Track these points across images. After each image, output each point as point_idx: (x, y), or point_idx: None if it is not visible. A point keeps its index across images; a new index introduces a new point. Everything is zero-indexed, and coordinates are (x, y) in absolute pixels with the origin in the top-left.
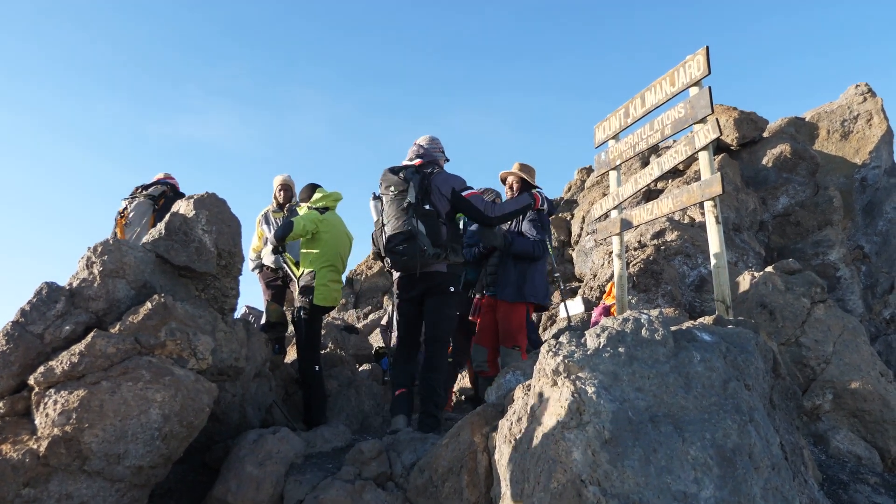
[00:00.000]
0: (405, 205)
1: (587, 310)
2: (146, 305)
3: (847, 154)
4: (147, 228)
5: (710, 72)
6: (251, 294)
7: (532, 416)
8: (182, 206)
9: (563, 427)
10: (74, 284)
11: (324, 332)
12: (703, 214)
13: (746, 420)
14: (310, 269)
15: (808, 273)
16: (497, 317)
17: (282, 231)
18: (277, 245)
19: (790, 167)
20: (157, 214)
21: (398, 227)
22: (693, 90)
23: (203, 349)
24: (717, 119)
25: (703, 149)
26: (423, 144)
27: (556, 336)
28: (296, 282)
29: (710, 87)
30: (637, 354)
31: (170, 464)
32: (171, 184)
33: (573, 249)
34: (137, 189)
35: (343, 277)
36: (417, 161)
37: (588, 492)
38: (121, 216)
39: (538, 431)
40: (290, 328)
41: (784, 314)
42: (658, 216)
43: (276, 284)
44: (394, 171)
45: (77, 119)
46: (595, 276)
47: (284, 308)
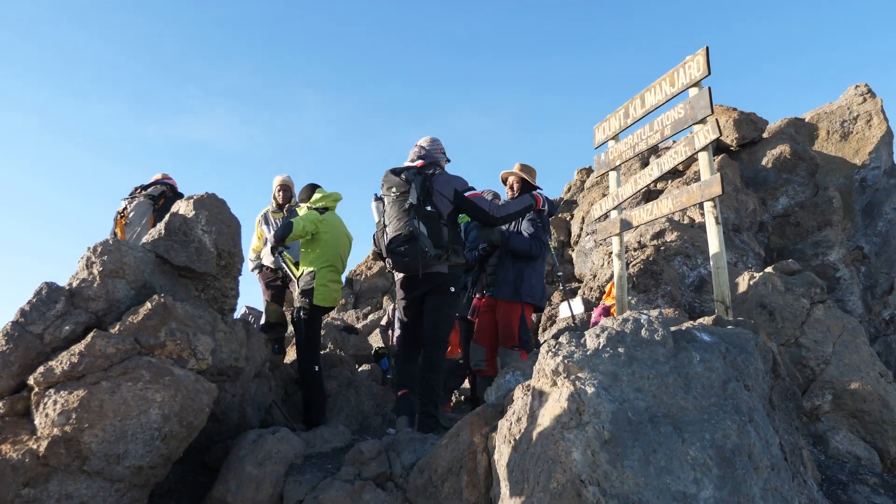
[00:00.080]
0: (407, 206)
1: (587, 310)
2: (146, 305)
3: (847, 155)
4: (147, 228)
5: (710, 72)
6: (251, 294)
7: (531, 417)
8: (182, 207)
9: (563, 427)
10: (74, 284)
11: (323, 333)
12: (703, 215)
13: (746, 420)
14: (309, 270)
15: (808, 274)
16: (497, 317)
17: (281, 232)
18: (277, 246)
19: (790, 168)
20: (157, 214)
21: (400, 229)
22: (693, 91)
23: (203, 349)
24: (717, 120)
25: (703, 149)
26: (425, 146)
27: (556, 336)
28: (295, 282)
29: (710, 88)
30: (637, 355)
31: (169, 464)
32: (170, 184)
33: (573, 250)
34: (136, 189)
35: (343, 278)
36: (419, 162)
37: (588, 492)
38: (120, 216)
39: (538, 431)
40: (290, 328)
41: (784, 315)
42: (658, 217)
43: (276, 285)
44: (395, 173)
45: (77, 119)
46: (595, 277)
47: (284, 308)
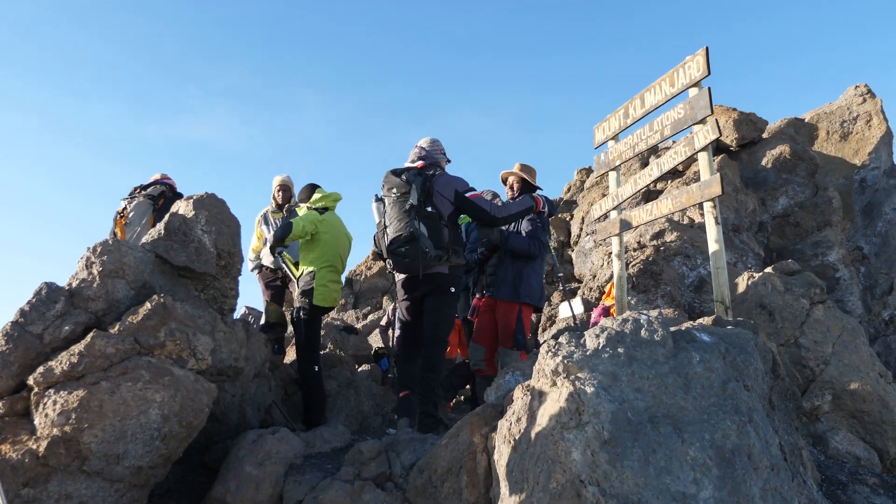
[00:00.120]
0: (407, 207)
1: (586, 310)
2: (146, 305)
3: (846, 155)
4: (147, 228)
5: (710, 73)
6: (250, 294)
7: (531, 417)
8: (181, 207)
9: (563, 427)
10: (74, 285)
11: (323, 333)
12: (703, 215)
13: (745, 421)
14: (309, 270)
15: (808, 274)
16: (497, 317)
17: (281, 232)
18: (276, 246)
19: (789, 168)
20: (157, 214)
21: (400, 230)
22: (692, 91)
23: (202, 349)
24: (717, 120)
25: (703, 150)
26: (425, 147)
27: (556, 336)
28: (295, 282)
29: (710, 88)
30: (636, 355)
31: (169, 464)
32: (169, 184)
33: (572, 250)
34: (136, 189)
35: (342, 278)
36: (419, 163)
37: (587, 492)
38: (120, 216)
39: (537, 432)
40: (290, 329)
41: (783, 315)
42: (657, 217)
43: (276, 285)
44: (396, 174)
45: (77, 118)
46: (594, 277)
47: (284, 308)
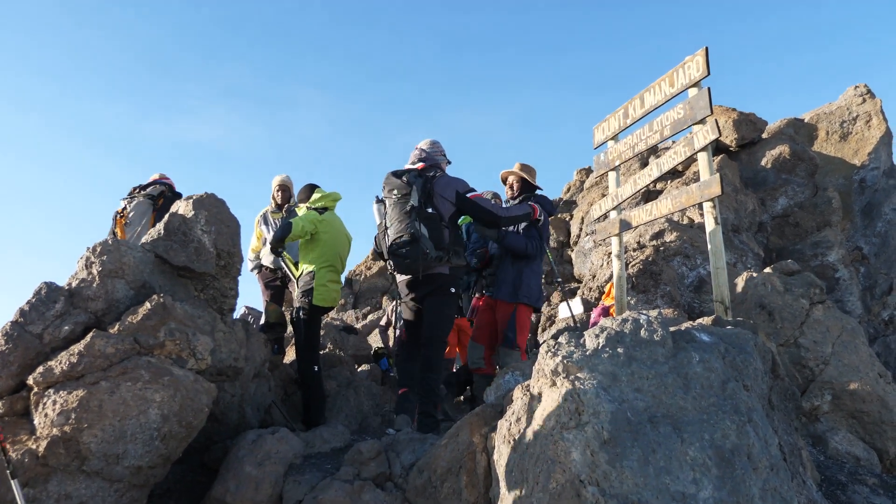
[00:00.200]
0: (408, 208)
1: (586, 310)
2: (145, 305)
3: (846, 155)
4: (147, 228)
5: (710, 73)
6: (250, 294)
7: (531, 417)
8: (181, 207)
9: (562, 427)
10: (73, 284)
11: (323, 333)
12: (702, 215)
13: (745, 421)
14: (309, 270)
15: (807, 274)
16: (496, 317)
17: (280, 232)
18: (276, 246)
19: (789, 168)
20: (157, 214)
21: (401, 231)
22: (692, 91)
23: (202, 349)
24: (716, 120)
25: (702, 150)
26: (425, 148)
27: (555, 336)
28: (295, 282)
29: (710, 88)
30: (636, 355)
31: (169, 464)
32: (168, 184)
33: (572, 250)
34: (135, 189)
35: (342, 278)
36: (420, 165)
37: (587, 492)
38: (120, 216)
39: (537, 432)
40: (289, 328)
41: (783, 315)
42: (657, 217)
43: (275, 285)
44: (397, 175)
45: (77, 118)
46: (594, 277)
47: (283, 308)
